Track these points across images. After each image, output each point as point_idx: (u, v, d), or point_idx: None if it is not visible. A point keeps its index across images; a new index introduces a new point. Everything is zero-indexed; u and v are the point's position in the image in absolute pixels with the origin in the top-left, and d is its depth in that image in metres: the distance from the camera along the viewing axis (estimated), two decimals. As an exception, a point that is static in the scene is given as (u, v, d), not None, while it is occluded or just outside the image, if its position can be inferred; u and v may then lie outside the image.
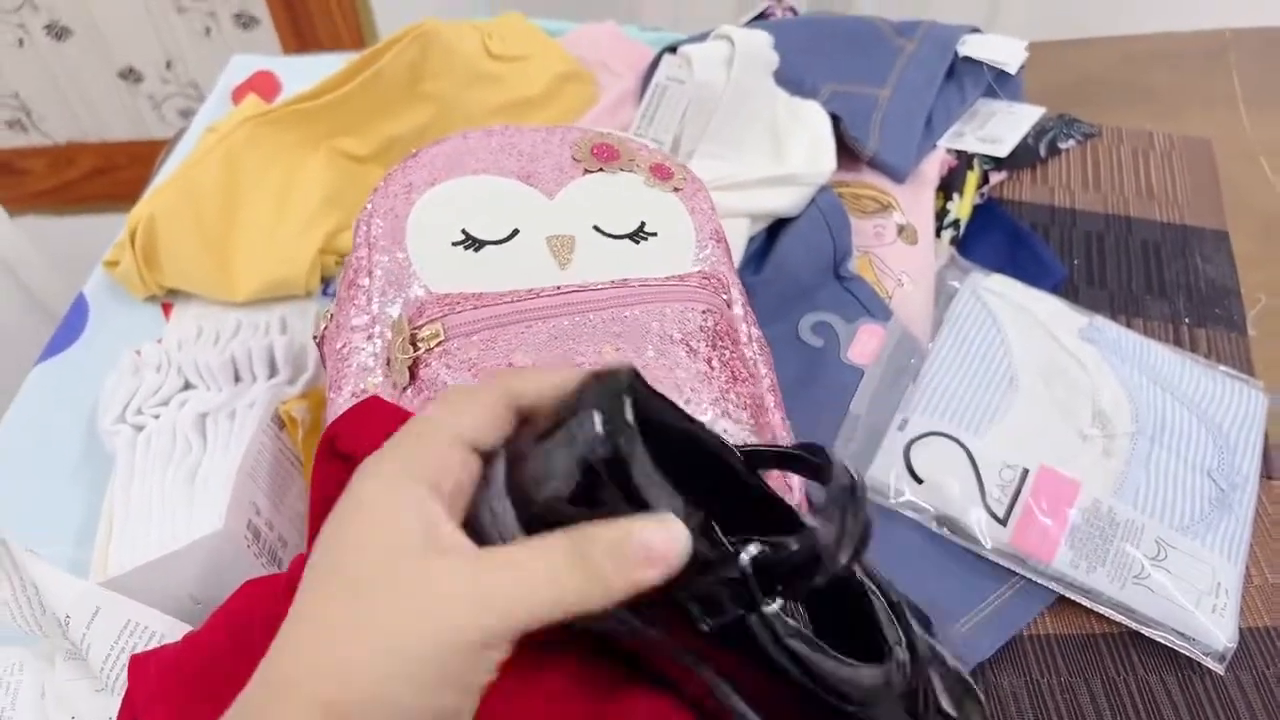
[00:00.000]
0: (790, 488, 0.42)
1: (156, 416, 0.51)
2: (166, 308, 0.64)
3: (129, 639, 0.41)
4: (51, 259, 0.98)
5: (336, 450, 0.35)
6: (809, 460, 0.29)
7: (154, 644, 0.41)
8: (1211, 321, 0.58)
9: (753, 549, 0.25)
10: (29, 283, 0.91)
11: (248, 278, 0.61)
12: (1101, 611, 0.46)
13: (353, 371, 0.42)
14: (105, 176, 1.55)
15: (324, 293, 0.63)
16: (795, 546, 0.25)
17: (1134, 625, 0.46)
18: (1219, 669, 0.45)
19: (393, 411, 0.37)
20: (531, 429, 0.26)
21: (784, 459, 0.30)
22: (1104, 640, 0.46)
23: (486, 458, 0.26)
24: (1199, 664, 0.45)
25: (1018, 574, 0.47)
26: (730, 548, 0.25)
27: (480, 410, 0.26)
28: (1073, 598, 0.47)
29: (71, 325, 0.63)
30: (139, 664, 0.36)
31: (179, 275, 0.62)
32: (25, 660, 0.43)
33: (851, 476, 0.27)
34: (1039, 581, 0.47)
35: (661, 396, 0.27)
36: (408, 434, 0.26)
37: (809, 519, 0.28)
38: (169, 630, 0.42)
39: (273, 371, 0.53)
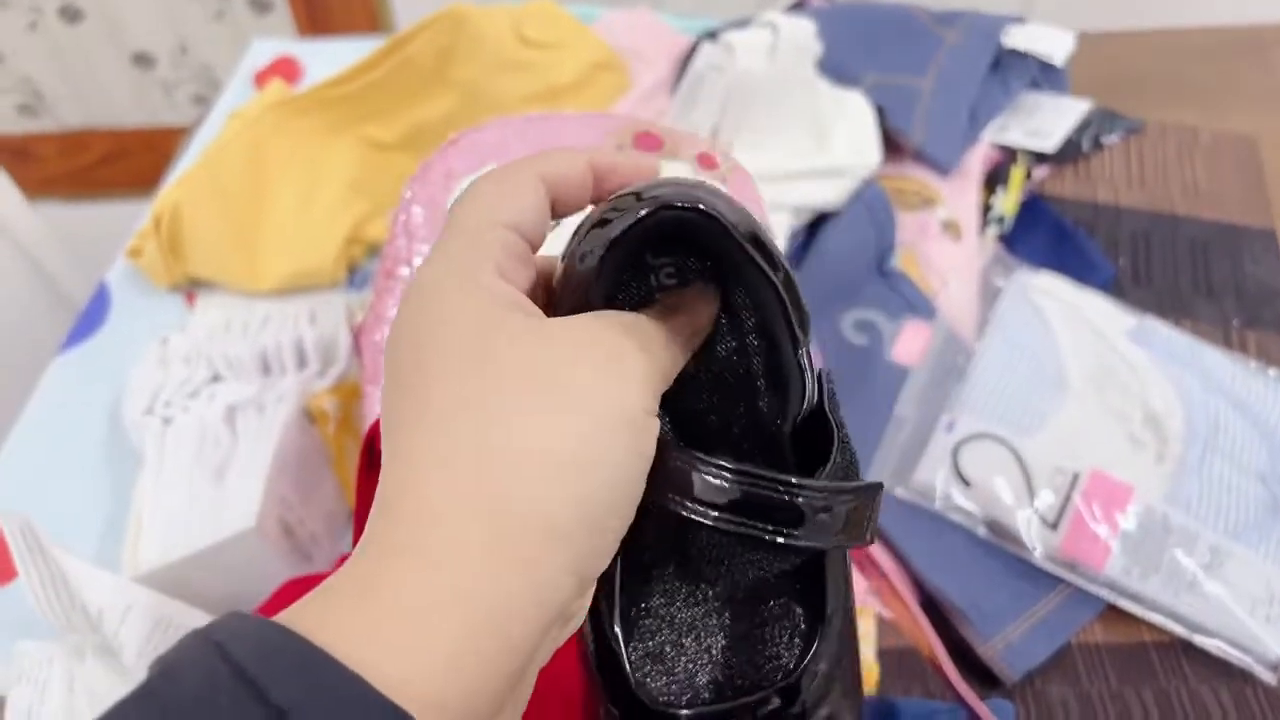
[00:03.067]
0: None
1: (185, 409, 0.50)
2: (190, 297, 0.62)
3: (163, 636, 0.41)
4: (65, 246, 0.97)
5: (380, 453, 0.34)
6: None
7: (186, 642, 0.41)
8: (1261, 323, 0.57)
9: None
10: (48, 270, 0.90)
11: (274, 267, 0.60)
12: (1153, 620, 0.45)
13: (392, 366, 0.41)
14: (117, 163, 1.53)
15: (350, 283, 0.62)
16: None
17: (1186, 634, 0.45)
18: (1271, 679, 0.44)
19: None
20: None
21: None
22: (1155, 649, 0.45)
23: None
24: (1251, 674, 0.44)
25: (1067, 581, 0.46)
26: None
27: (522, 196, 0.23)
28: (1124, 606, 0.46)
29: (93, 314, 0.62)
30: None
31: (204, 264, 0.61)
32: (55, 655, 0.42)
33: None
34: (1089, 589, 0.46)
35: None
36: (452, 232, 0.22)
37: None
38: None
39: (302, 364, 0.52)
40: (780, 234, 0.54)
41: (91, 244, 0.97)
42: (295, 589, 0.37)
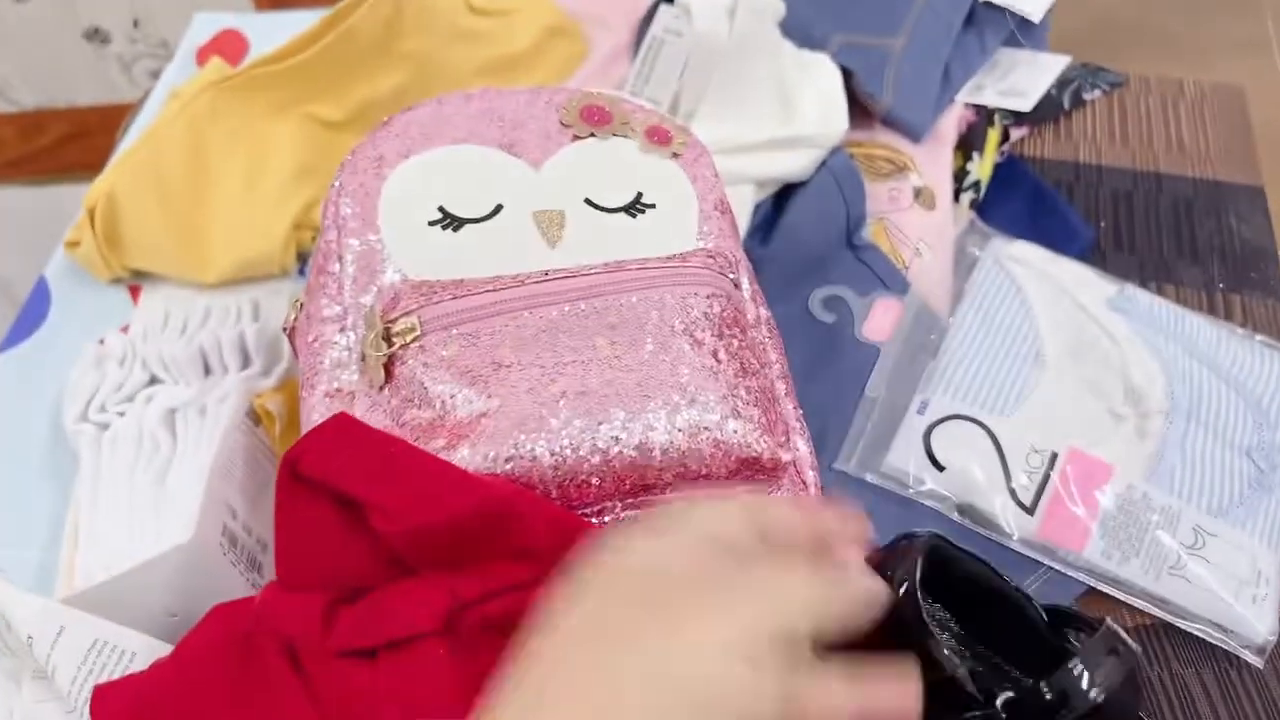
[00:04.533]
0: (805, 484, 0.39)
1: (122, 414, 0.48)
2: (134, 290, 0.60)
3: (98, 659, 0.39)
4: (26, 235, 0.93)
5: (301, 474, 0.32)
6: (1086, 621, 0.34)
7: (126, 663, 0.39)
8: (1247, 286, 0.54)
9: (1008, 693, 0.30)
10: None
11: (219, 256, 0.57)
12: (1134, 603, 0.44)
13: (326, 368, 0.38)
14: (77, 142, 1.49)
15: (300, 271, 0.59)
16: (1046, 692, 0.29)
17: (1169, 618, 0.43)
18: (1258, 662, 0.42)
19: (363, 433, 0.33)
20: None
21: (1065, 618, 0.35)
22: (1137, 633, 0.44)
23: None
24: (1237, 657, 0.42)
25: (1046, 565, 0.44)
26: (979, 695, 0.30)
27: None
28: (1104, 589, 0.44)
29: (33, 312, 0.59)
30: (102, 696, 0.33)
31: (144, 256, 0.58)
32: (-11, 681, 0.41)
33: (1121, 641, 0.31)
34: (1068, 573, 0.44)
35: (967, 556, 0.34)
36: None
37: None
38: (142, 649, 0.39)
39: (245, 362, 0.50)
40: (743, 207, 0.51)
41: (51, 232, 0.94)
42: (221, 612, 0.35)
